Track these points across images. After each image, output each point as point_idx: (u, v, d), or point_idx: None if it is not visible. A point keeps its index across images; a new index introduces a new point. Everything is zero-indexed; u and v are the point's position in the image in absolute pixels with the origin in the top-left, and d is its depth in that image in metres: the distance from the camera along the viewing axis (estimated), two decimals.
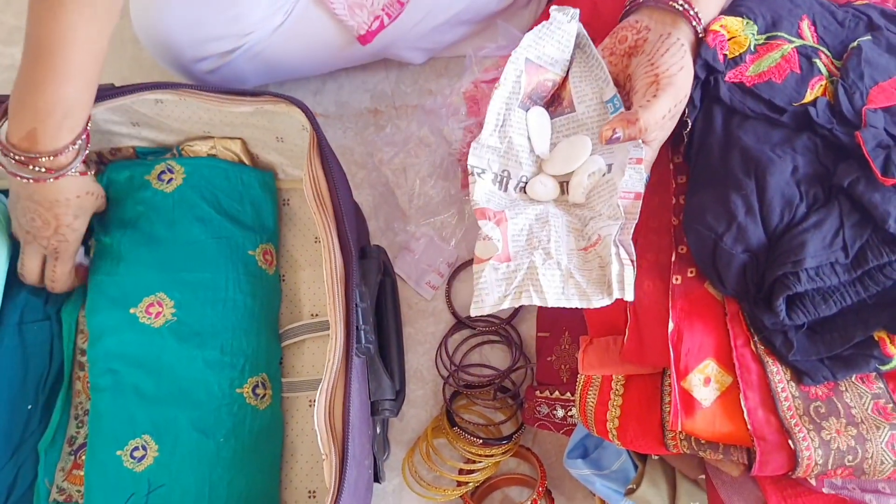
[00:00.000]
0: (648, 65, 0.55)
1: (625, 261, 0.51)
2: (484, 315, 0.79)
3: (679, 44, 0.55)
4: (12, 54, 0.92)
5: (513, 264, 0.53)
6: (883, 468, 0.50)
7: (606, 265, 0.51)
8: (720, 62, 0.57)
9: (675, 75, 0.54)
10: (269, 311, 0.78)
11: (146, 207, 0.75)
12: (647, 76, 0.55)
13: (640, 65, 0.56)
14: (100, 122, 0.75)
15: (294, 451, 0.78)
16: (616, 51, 0.57)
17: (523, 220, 0.55)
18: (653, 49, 0.55)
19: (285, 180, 0.84)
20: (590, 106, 0.60)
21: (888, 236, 0.50)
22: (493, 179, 0.58)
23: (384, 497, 0.80)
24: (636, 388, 0.58)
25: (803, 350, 0.52)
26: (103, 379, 0.72)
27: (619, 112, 0.57)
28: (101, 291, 0.74)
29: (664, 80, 0.54)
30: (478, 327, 0.84)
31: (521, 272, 0.52)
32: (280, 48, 0.78)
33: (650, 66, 0.55)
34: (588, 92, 0.59)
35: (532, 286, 0.52)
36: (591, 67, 0.59)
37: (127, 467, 0.69)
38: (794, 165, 0.52)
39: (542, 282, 0.52)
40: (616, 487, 0.62)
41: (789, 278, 0.49)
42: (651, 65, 0.55)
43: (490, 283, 0.52)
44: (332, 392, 0.63)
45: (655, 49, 0.55)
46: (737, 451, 0.53)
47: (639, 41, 0.56)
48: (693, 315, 0.54)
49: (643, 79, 0.55)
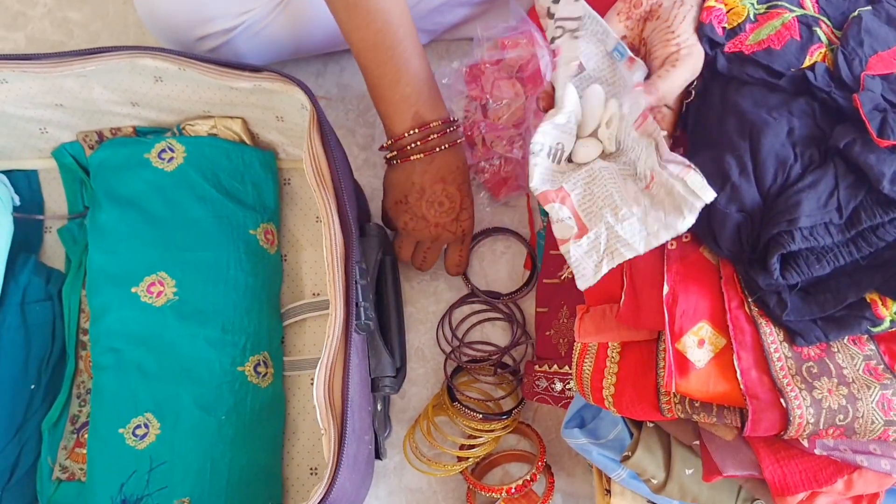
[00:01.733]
0: (668, 32, 0.55)
1: (680, 174, 0.50)
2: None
3: (693, 12, 0.56)
4: (16, 39, 0.93)
5: (592, 234, 0.54)
6: (873, 427, 0.50)
7: (672, 190, 0.51)
8: (719, 35, 0.58)
9: (694, 45, 0.55)
10: (270, 290, 0.79)
11: (146, 186, 0.76)
12: (666, 45, 0.55)
13: (657, 30, 0.56)
14: (99, 102, 0.75)
15: (296, 428, 0.79)
16: (632, 15, 0.57)
17: (581, 188, 0.56)
18: (670, 16, 0.55)
19: (286, 160, 0.85)
20: (597, 61, 0.60)
21: (882, 197, 0.50)
22: (549, 153, 0.59)
23: (386, 474, 0.81)
24: (632, 354, 0.58)
25: (797, 311, 0.52)
26: (105, 357, 0.73)
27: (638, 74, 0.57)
28: (101, 270, 0.75)
29: (684, 50, 0.54)
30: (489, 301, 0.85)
31: (602, 237, 0.53)
32: (279, 27, 0.79)
33: (670, 33, 0.55)
34: (592, 49, 0.60)
35: (619, 243, 0.52)
36: (586, 25, 0.60)
37: (129, 445, 0.70)
38: (789, 127, 0.53)
39: (625, 236, 0.52)
40: (612, 456, 0.62)
41: (784, 237, 0.50)
42: (671, 32, 0.55)
43: (580, 259, 0.54)
44: (332, 368, 0.63)
45: (673, 17, 0.55)
46: (730, 413, 0.53)
47: (654, 6, 0.57)
48: (688, 278, 0.55)
49: (662, 47, 0.55)
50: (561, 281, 0.78)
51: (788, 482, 0.54)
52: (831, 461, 0.53)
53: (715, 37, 0.57)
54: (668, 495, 0.60)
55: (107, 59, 0.69)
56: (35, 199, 0.84)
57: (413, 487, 0.80)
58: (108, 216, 0.75)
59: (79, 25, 0.95)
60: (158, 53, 0.69)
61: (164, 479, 0.69)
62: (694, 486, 0.60)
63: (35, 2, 0.94)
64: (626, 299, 0.57)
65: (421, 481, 0.80)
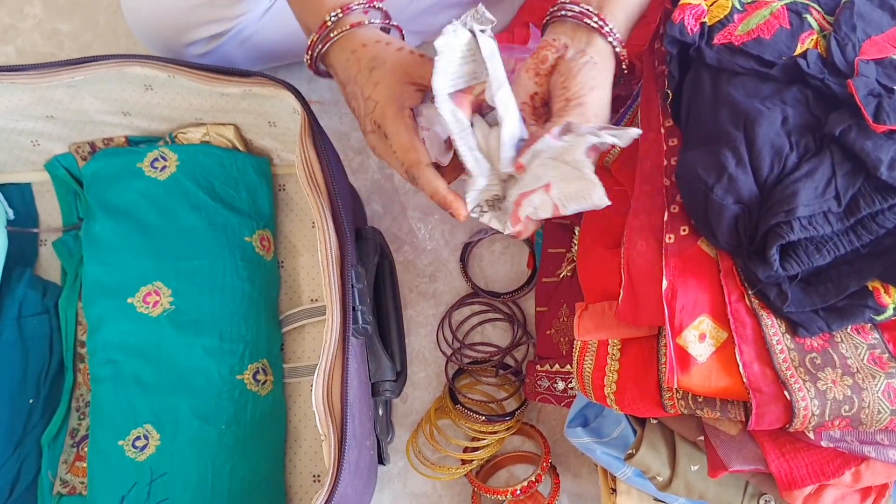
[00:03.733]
0: (562, 88, 0.56)
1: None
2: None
3: (592, 63, 0.56)
4: (6, 52, 0.93)
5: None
6: (880, 417, 0.49)
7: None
8: (690, 34, 0.57)
9: (584, 96, 0.55)
10: (268, 297, 0.79)
11: (139, 195, 0.76)
12: (559, 99, 0.55)
13: (555, 86, 0.56)
14: (90, 113, 0.75)
15: (297, 436, 0.78)
16: (540, 71, 0.57)
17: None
18: (567, 70, 0.56)
19: (280, 166, 0.84)
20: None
21: (880, 184, 0.49)
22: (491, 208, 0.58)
23: (390, 479, 0.80)
24: (632, 351, 0.57)
25: (798, 302, 0.52)
26: (103, 370, 0.73)
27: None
28: (97, 281, 0.75)
29: (573, 101, 0.55)
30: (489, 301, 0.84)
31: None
32: (269, 32, 0.79)
33: (563, 89, 0.55)
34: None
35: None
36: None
37: (129, 457, 0.70)
38: (783, 116, 0.52)
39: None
40: (616, 454, 0.62)
41: (782, 227, 0.49)
42: (564, 88, 0.55)
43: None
44: (330, 373, 0.63)
45: (569, 70, 0.56)
46: (734, 407, 0.52)
47: (558, 60, 0.57)
48: (687, 272, 0.54)
49: (557, 102, 0.56)
50: (560, 279, 0.77)
51: (795, 476, 0.53)
52: (838, 453, 0.53)
53: (685, 38, 0.57)
54: (674, 492, 0.60)
55: (95, 69, 0.68)
56: (29, 212, 0.84)
57: (418, 492, 0.80)
58: (102, 227, 0.75)
59: (69, 37, 0.95)
60: (147, 61, 0.68)
61: (165, 490, 0.68)
62: (700, 483, 0.59)
63: (25, 14, 0.94)
64: (624, 295, 0.57)
65: (426, 486, 0.80)
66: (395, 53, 0.58)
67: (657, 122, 0.63)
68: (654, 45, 0.66)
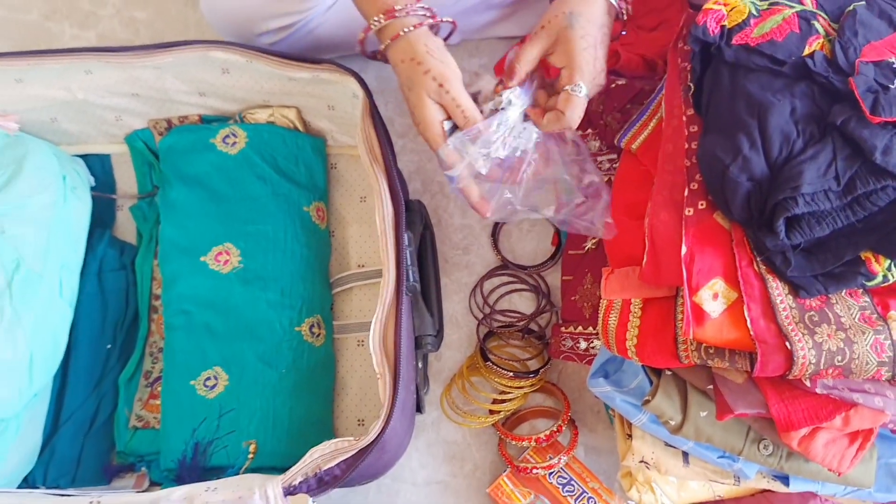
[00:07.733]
0: (564, 55, 0.67)
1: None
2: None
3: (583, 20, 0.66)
4: (88, 37, 1.01)
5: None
6: (868, 368, 0.57)
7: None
8: (711, 35, 0.66)
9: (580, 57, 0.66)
10: (321, 261, 0.87)
11: (211, 167, 0.84)
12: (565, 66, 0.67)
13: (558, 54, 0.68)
14: (171, 92, 0.83)
15: (344, 385, 0.87)
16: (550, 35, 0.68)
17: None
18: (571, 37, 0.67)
19: (334, 146, 0.93)
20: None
21: (875, 167, 0.57)
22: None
23: (424, 428, 0.88)
24: (653, 309, 0.65)
25: (800, 268, 0.59)
26: (177, 319, 0.81)
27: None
28: (173, 242, 0.83)
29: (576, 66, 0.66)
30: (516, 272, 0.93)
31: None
32: (332, 25, 0.86)
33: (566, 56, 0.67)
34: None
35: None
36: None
37: (200, 395, 0.78)
38: (792, 107, 0.60)
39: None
40: (634, 401, 0.70)
41: (788, 202, 0.57)
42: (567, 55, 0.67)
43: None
44: (385, 322, 0.70)
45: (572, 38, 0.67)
46: (741, 358, 0.60)
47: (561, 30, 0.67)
48: (703, 241, 0.62)
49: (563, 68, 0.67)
50: (585, 252, 0.85)
51: (793, 419, 0.61)
52: (831, 399, 0.60)
53: (707, 38, 0.65)
54: (685, 436, 0.68)
55: (182, 52, 0.77)
56: (107, 180, 0.92)
57: (450, 440, 0.88)
58: (177, 194, 0.84)
59: (144, 24, 1.03)
60: (228, 46, 0.77)
61: (232, 424, 0.77)
62: (708, 427, 0.67)
63: (105, 2, 1.03)
64: (648, 259, 0.65)
65: (457, 434, 0.88)
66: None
67: (679, 110, 0.70)
68: (677, 44, 0.73)
